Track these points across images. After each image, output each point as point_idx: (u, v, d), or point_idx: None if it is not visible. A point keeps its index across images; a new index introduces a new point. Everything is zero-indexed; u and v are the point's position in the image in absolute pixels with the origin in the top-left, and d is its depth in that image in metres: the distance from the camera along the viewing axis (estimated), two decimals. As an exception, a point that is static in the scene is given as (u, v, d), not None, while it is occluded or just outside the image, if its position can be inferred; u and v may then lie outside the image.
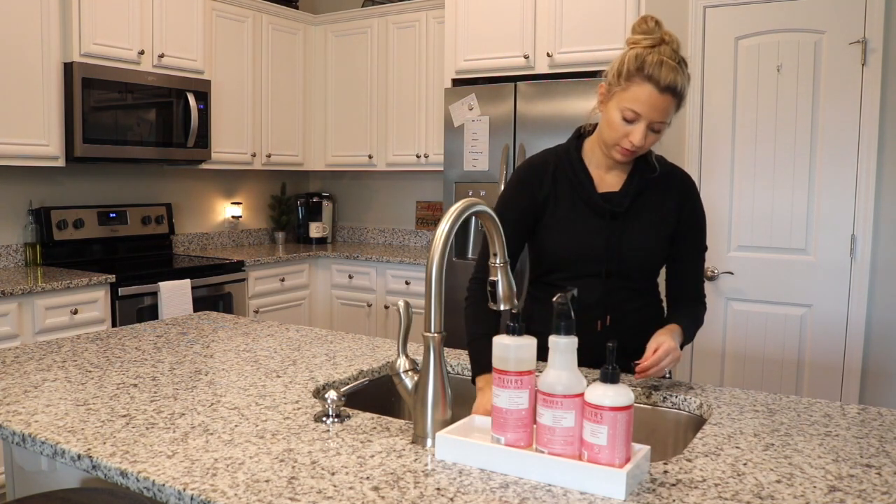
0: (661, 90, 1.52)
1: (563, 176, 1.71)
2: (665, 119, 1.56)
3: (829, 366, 3.02)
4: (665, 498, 1.04)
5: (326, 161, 4.92)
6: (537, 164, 1.76)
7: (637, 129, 1.55)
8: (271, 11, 4.55)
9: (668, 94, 1.52)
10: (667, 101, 1.53)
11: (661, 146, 3.30)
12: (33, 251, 3.68)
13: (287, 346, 1.94)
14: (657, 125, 1.56)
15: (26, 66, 3.31)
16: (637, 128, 1.55)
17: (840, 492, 1.06)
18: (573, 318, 1.12)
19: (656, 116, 1.54)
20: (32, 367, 1.69)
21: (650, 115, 1.54)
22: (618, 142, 1.59)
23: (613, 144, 1.60)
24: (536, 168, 1.75)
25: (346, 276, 4.47)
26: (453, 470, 1.13)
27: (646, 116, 1.54)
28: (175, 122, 3.90)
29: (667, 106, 1.54)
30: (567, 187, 1.71)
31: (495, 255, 1.36)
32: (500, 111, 3.68)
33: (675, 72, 1.52)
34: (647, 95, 1.52)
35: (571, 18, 3.59)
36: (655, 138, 1.59)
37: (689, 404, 1.53)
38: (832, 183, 2.98)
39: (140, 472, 1.10)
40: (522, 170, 1.78)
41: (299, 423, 1.33)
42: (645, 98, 1.53)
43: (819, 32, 2.97)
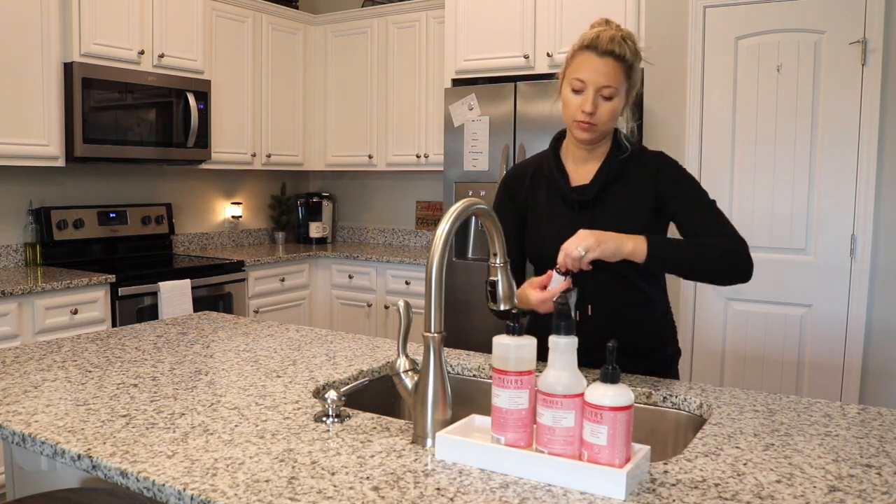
0: (599, 54, 1.58)
1: (542, 176, 1.76)
2: (611, 83, 1.58)
3: (829, 366, 3.02)
4: (665, 498, 1.04)
5: (326, 161, 4.92)
6: (518, 169, 1.83)
7: (586, 96, 1.59)
8: (271, 11, 4.55)
9: (609, 57, 1.58)
10: (609, 65, 1.58)
11: (662, 144, 3.30)
12: (33, 251, 3.68)
13: (287, 346, 1.94)
14: (605, 90, 1.58)
15: (26, 66, 3.31)
16: (586, 95, 1.59)
17: (840, 492, 1.06)
18: (573, 318, 1.12)
19: (601, 80, 1.58)
20: (32, 367, 1.69)
21: (595, 80, 1.58)
22: (573, 116, 1.62)
23: (572, 121, 1.64)
24: (517, 173, 1.82)
25: (346, 276, 4.47)
26: (453, 470, 1.13)
27: (591, 82, 1.58)
28: (175, 122, 3.90)
29: (609, 70, 1.58)
30: (545, 186, 1.75)
31: (495, 255, 1.36)
32: (500, 111, 3.68)
33: (612, 40, 1.59)
34: (588, 61, 1.59)
35: (571, 18, 3.59)
36: (610, 108, 1.60)
37: (689, 404, 1.53)
38: (832, 183, 2.98)
39: (140, 472, 1.10)
40: (506, 176, 1.85)
41: (299, 423, 1.33)
42: (587, 64, 1.59)
43: (819, 32, 2.97)
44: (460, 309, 3.64)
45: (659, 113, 3.32)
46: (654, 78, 3.33)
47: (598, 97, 1.59)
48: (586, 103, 1.59)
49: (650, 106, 3.34)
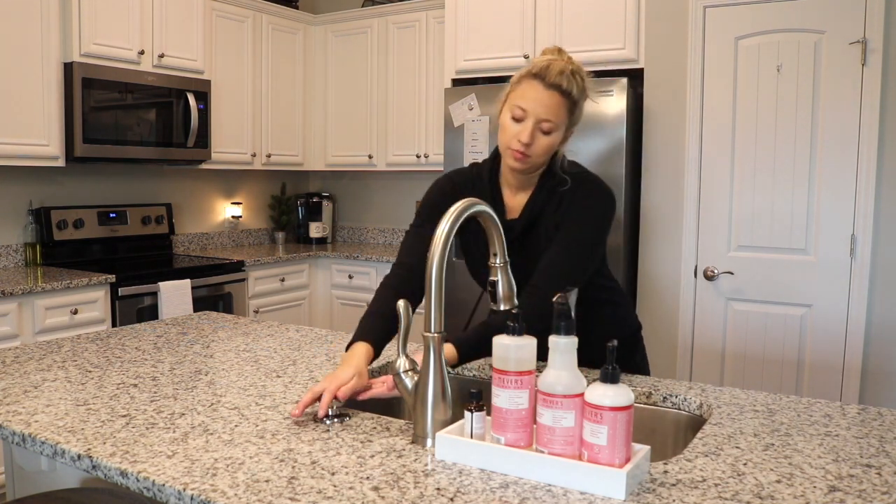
0: (546, 86, 1.52)
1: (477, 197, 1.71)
2: (552, 118, 1.53)
3: (829, 366, 3.02)
4: (665, 498, 1.04)
5: (326, 161, 4.92)
6: (453, 182, 1.75)
7: (525, 126, 1.54)
8: (271, 11, 4.55)
9: (555, 91, 1.52)
10: (554, 99, 1.52)
11: (662, 144, 3.30)
12: (33, 251, 3.68)
13: (287, 346, 1.94)
14: (545, 124, 1.53)
15: (26, 66, 3.31)
16: (525, 125, 1.54)
17: (840, 492, 1.06)
18: (573, 318, 1.12)
19: (542, 113, 1.53)
20: (32, 367, 1.69)
21: (536, 111, 1.53)
22: (509, 144, 1.57)
23: (506, 148, 1.58)
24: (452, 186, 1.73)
25: (346, 276, 4.47)
26: (453, 470, 1.13)
27: (532, 112, 1.53)
28: (175, 122, 3.90)
29: (554, 104, 1.53)
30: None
31: (495, 255, 1.36)
32: (500, 111, 3.68)
33: (561, 74, 1.52)
34: (533, 91, 1.53)
35: (571, 18, 3.59)
36: (547, 142, 1.55)
37: (689, 404, 1.53)
38: (832, 183, 2.98)
39: (140, 472, 1.10)
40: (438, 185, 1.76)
41: (299, 423, 1.33)
42: (531, 94, 1.53)
43: (819, 32, 2.97)
44: (460, 309, 3.63)
45: (659, 113, 3.32)
46: (655, 78, 3.33)
47: (537, 130, 1.54)
48: (523, 133, 1.54)
49: (650, 106, 3.34)
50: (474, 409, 1.18)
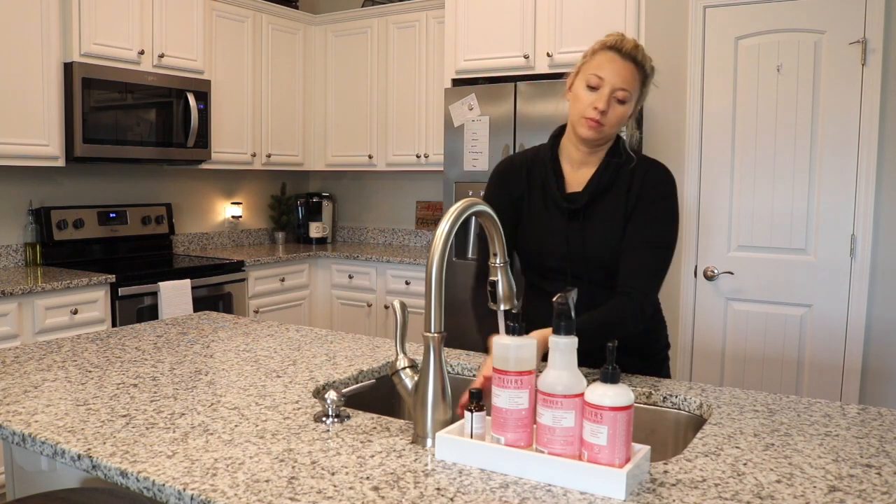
0: (623, 56, 1.58)
1: (537, 175, 1.74)
2: (628, 87, 1.58)
3: (829, 366, 3.02)
4: (665, 498, 1.04)
5: (326, 161, 4.92)
6: (512, 162, 1.80)
7: (601, 94, 1.58)
8: (271, 11, 4.55)
9: (630, 62, 1.58)
10: (629, 69, 1.58)
11: (662, 144, 3.30)
12: (33, 251, 3.68)
13: (287, 346, 1.94)
14: (620, 93, 1.58)
15: (26, 66, 3.31)
16: (601, 93, 1.58)
17: (840, 492, 1.06)
18: (573, 318, 1.12)
19: (619, 82, 1.57)
20: (32, 367, 1.69)
21: (613, 80, 1.57)
22: (584, 113, 1.60)
23: (580, 117, 1.61)
24: (512, 166, 1.79)
25: (346, 276, 4.47)
26: (453, 470, 1.13)
27: (609, 81, 1.57)
28: (175, 122, 3.90)
29: (629, 74, 1.58)
30: (539, 186, 1.73)
31: (495, 255, 1.36)
32: (500, 111, 3.68)
33: (636, 47, 1.60)
34: (610, 61, 1.58)
35: (571, 18, 3.59)
36: (621, 112, 1.60)
37: (689, 404, 1.53)
38: (832, 183, 2.98)
39: (140, 472, 1.10)
40: (499, 169, 1.82)
41: (299, 423, 1.33)
42: (609, 64, 1.58)
43: (819, 32, 2.97)
44: (460, 309, 3.63)
45: (659, 113, 3.32)
46: (654, 78, 3.33)
47: (613, 98, 1.58)
48: (600, 101, 1.58)
49: (650, 106, 3.34)
50: (474, 409, 1.18)
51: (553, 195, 1.69)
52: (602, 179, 1.66)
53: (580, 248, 1.66)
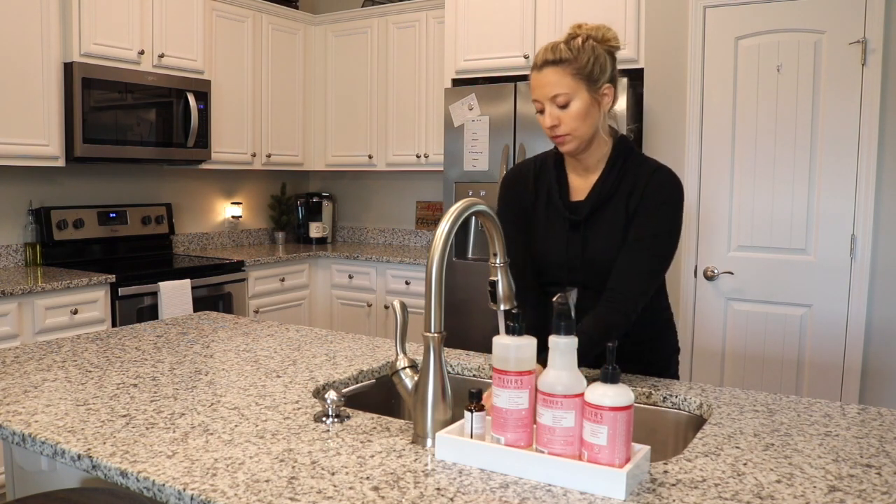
0: (537, 70, 1.60)
1: (543, 183, 1.73)
2: (557, 90, 1.57)
3: (829, 366, 3.02)
4: (665, 498, 1.04)
5: (326, 161, 4.92)
6: (519, 171, 1.80)
7: (546, 113, 1.61)
8: (271, 11, 4.55)
9: (546, 67, 1.59)
10: (548, 74, 1.58)
11: (662, 144, 3.30)
12: (33, 251, 3.68)
13: (287, 346, 1.94)
14: (557, 99, 1.58)
15: (26, 66, 3.31)
16: (546, 113, 1.61)
17: (840, 492, 1.06)
18: (573, 318, 1.12)
19: (548, 91, 1.58)
20: (32, 367, 1.69)
21: (543, 93, 1.59)
22: (547, 135, 1.64)
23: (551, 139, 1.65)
24: (519, 175, 1.79)
25: (346, 276, 4.47)
26: (453, 470, 1.13)
27: (541, 97, 1.60)
28: (175, 122, 3.90)
29: (550, 78, 1.58)
30: (545, 195, 1.73)
31: (495, 255, 1.36)
32: (500, 111, 3.68)
33: (550, 50, 1.59)
34: (533, 80, 1.62)
35: (571, 18, 3.59)
36: (572, 113, 1.58)
37: (689, 404, 1.53)
38: (832, 183, 2.98)
39: (140, 472, 1.10)
40: (508, 178, 1.82)
41: (299, 423, 1.33)
42: (533, 82, 1.62)
43: (819, 32, 2.97)
44: (460, 309, 3.63)
45: (659, 113, 3.32)
46: (654, 78, 3.33)
47: (555, 109, 1.59)
48: (546, 119, 1.61)
49: (650, 106, 3.34)
50: (474, 409, 1.18)
51: (556, 205, 1.68)
52: (604, 188, 1.64)
53: (581, 258, 1.65)
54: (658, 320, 1.79)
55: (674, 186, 1.63)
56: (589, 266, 1.65)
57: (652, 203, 1.60)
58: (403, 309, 1.28)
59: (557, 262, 1.68)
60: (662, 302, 1.80)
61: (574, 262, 1.66)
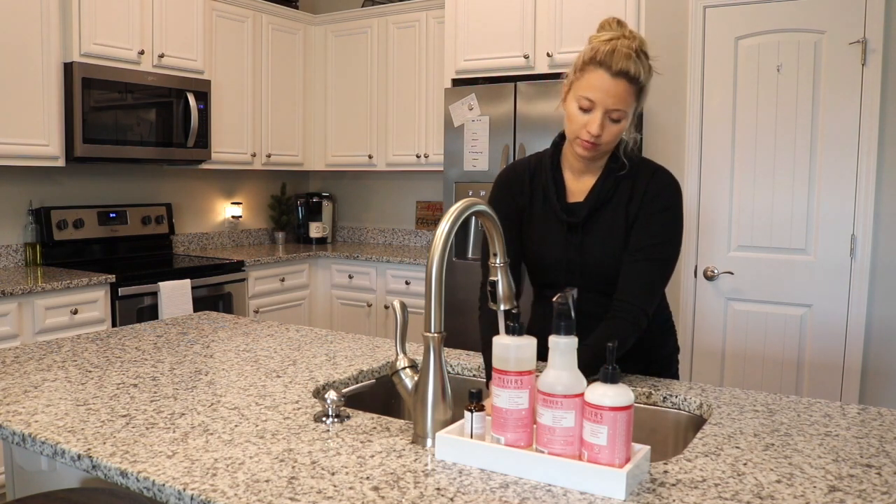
0: (613, 74, 1.49)
1: (539, 183, 1.71)
2: (621, 106, 1.51)
3: (829, 366, 3.02)
4: (665, 498, 1.04)
5: (326, 161, 4.92)
6: (516, 169, 1.77)
7: (593, 117, 1.52)
8: (271, 11, 4.55)
9: (622, 79, 1.50)
10: (621, 87, 1.50)
11: (662, 144, 3.30)
12: (33, 251, 3.68)
13: (287, 346, 1.94)
14: (614, 113, 1.52)
15: (26, 66, 3.31)
16: (593, 116, 1.52)
17: (840, 492, 1.06)
18: (573, 318, 1.12)
19: (611, 103, 1.50)
20: (32, 367, 1.69)
21: (605, 102, 1.50)
22: (577, 134, 1.55)
23: (574, 138, 1.57)
24: (516, 173, 1.76)
25: (346, 276, 4.47)
26: (453, 470, 1.13)
27: (600, 103, 1.51)
28: (175, 122, 3.90)
29: (621, 92, 1.50)
30: (541, 195, 1.70)
31: (495, 255, 1.36)
32: (500, 111, 3.68)
33: (628, 59, 1.49)
34: (599, 81, 1.50)
35: (571, 18, 3.59)
36: (616, 130, 1.54)
37: (689, 404, 1.53)
38: (832, 183, 2.98)
39: (140, 472, 1.10)
40: (503, 177, 1.78)
41: (299, 423, 1.33)
42: (598, 84, 1.50)
43: (819, 32, 2.97)
44: (460, 309, 3.63)
45: (659, 113, 3.32)
46: (655, 78, 3.33)
47: (607, 119, 1.52)
48: (593, 125, 1.52)
49: (650, 106, 3.34)
50: (474, 409, 1.18)
51: (553, 206, 1.66)
52: (603, 191, 1.62)
53: (579, 260, 1.64)
54: (657, 320, 1.79)
55: (673, 189, 1.63)
56: (587, 269, 1.64)
57: (653, 209, 1.59)
58: (403, 309, 1.28)
59: (555, 265, 1.67)
60: (661, 302, 1.80)
61: (572, 265, 1.65)
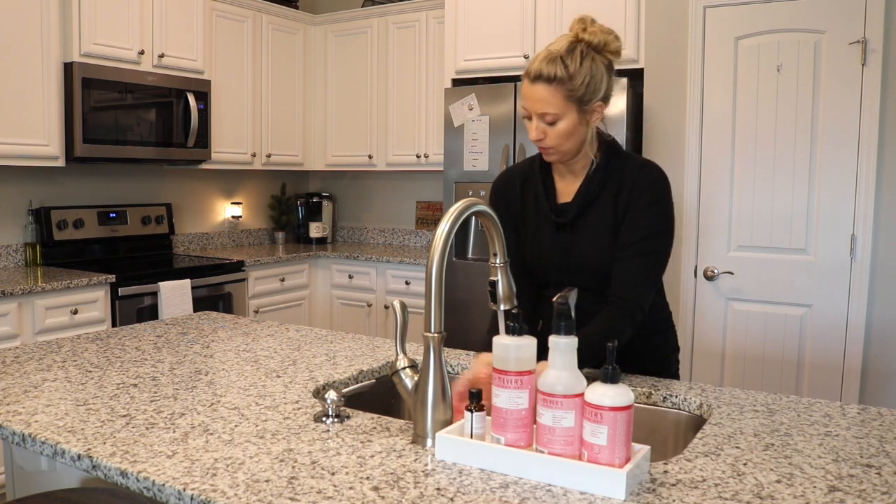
0: (531, 80, 1.55)
1: (530, 188, 1.74)
2: (548, 109, 1.54)
3: (829, 366, 3.02)
4: (665, 498, 1.04)
5: (326, 161, 4.92)
6: (507, 177, 1.81)
7: (531, 124, 1.59)
8: (271, 11, 4.55)
9: (539, 82, 1.53)
10: (540, 91, 1.53)
11: (662, 144, 3.31)
12: (33, 251, 3.68)
13: (287, 346, 1.94)
14: (546, 116, 1.55)
15: (26, 66, 3.31)
16: (531, 124, 1.59)
17: (840, 492, 1.06)
18: (573, 318, 1.12)
19: (538, 107, 1.55)
20: (32, 367, 1.69)
21: (533, 107, 1.56)
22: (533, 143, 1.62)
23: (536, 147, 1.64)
24: (507, 180, 1.80)
25: (346, 276, 4.47)
26: (453, 470, 1.13)
27: (531, 109, 1.57)
28: (175, 122, 3.90)
29: (543, 95, 1.53)
30: (532, 199, 1.73)
31: (495, 255, 1.36)
32: (500, 111, 3.68)
33: (546, 61, 1.52)
34: (525, 90, 1.58)
35: (571, 18, 3.56)
36: (558, 131, 1.56)
37: (689, 404, 1.53)
38: (832, 183, 2.98)
39: (140, 472, 1.10)
40: (497, 184, 1.83)
41: (299, 423, 1.33)
42: (525, 93, 1.58)
43: (819, 32, 2.97)
44: (460, 309, 3.63)
45: (659, 113, 3.32)
46: (654, 78, 3.33)
47: (542, 123, 1.57)
48: (531, 131, 1.60)
49: (650, 106, 3.34)
50: (474, 409, 1.18)
51: (543, 208, 1.69)
52: (589, 190, 1.64)
53: (569, 259, 1.66)
54: (656, 319, 1.79)
55: (661, 183, 1.63)
56: (578, 267, 1.66)
57: (641, 204, 1.60)
58: (403, 309, 1.28)
59: (547, 265, 1.70)
60: (660, 301, 1.81)
61: (563, 264, 1.67)
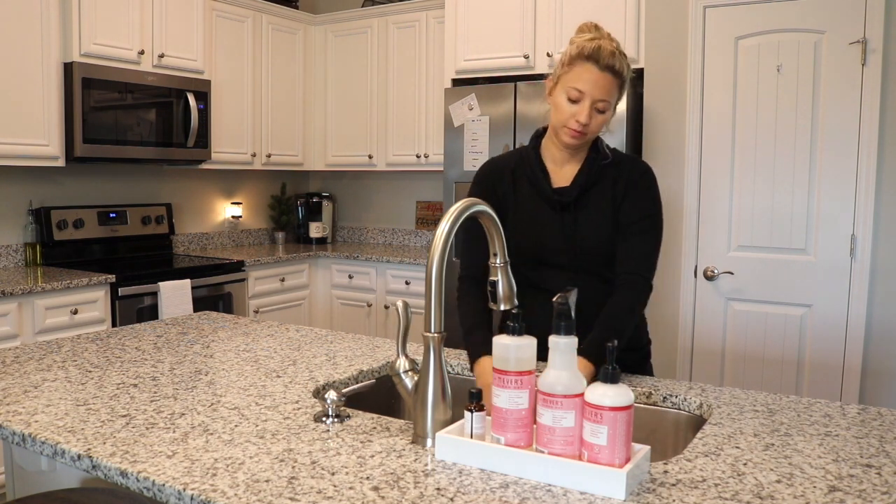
0: (601, 68, 1.60)
1: (522, 175, 1.79)
2: (607, 97, 1.62)
3: (829, 366, 3.02)
4: (665, 498, 1.04)
5: (326, 161, 4.92)
6: (496, 164, 1.85)
7: (582, 107, 1.62)
8: (271, 11, 4.55)
9: (609, 73, 1.60)
10: (608, 80, 1.61)
11: (662, 144, 3.30)
12: (33, 251, 3.68)
13: (287, 346, 1.94)
14: (600, 104, 1.62)
15: (26, 66, 3.31)
16: (582, 106, 1.62)
17: (840, 492, 1.06)
18: (573, 318, 1.12)
19: (598, 94, 1.61)
20: (32, 367, 1.69)
21: (593, 93, 1.61)
22: (565, 123, 1.65)
23: (562, 126, 1.66)
24: (495, 167, 1.84)
25: (346, 276, 4.47)
26: (453, 470, 1.13)
27: (589, 94, 1.61)
28: (175, 122, 3.90)
29: (608, 85, 1.61)
30: (526, 185, 1.78)
31: (495, 255, 1.36)
32: (500, 111, 3.68)
33: (613, 55, 1.61)
34: (588, 73, 1.61)
35: (571, 18, 3.59)
36: (601, 120, 1.65)
37: (689, 404, 1.53)
38: (832, 183, 2.98)
39: (140, 472, 1.10)
40: (484, 170, 1.86)
41: (299, 423, 1.33)
42: (587, 76, 1.61)
43: (819, 32, 2.97)
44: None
45: (659, 113, 3.32)
46: (654, 78, 3.33)
47: (594, 109, 1.62)
48: (581, 114, 1.62)
49: (650, 106, 3.34)
50: (474, 409, 1.18)
51: (544, 190, 1.74)
52: (590, 175, 1.72)
53: (575, 239, 1.71)
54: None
55: (652, 175, 1.79)
56: (581, 247, 1.71)
57: (639, 189, 1.73)
58: (406, 309, 1.28)
59: (550, 246, 1.73)
60: None
61: (569, 242, 1.72)
